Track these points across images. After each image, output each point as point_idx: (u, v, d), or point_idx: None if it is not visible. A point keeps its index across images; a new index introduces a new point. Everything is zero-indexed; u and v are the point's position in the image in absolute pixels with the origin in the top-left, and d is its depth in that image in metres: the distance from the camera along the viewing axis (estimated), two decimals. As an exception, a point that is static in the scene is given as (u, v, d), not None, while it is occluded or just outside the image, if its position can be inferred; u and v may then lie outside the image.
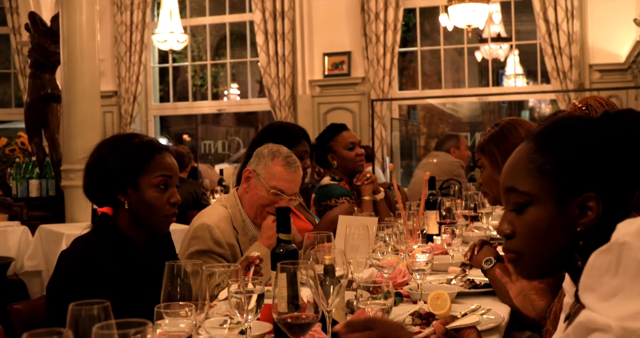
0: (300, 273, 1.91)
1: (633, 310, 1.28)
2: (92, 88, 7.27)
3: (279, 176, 3.51)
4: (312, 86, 11.26)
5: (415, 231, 3.80)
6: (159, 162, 2.78)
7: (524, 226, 1.58)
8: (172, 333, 1.73)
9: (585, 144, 1.53)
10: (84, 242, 2.74)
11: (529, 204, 1.56)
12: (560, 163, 1.54)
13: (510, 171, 1.63)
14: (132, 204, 2.74)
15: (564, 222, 1.53)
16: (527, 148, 1.60)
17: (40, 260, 6.65)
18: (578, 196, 1.51)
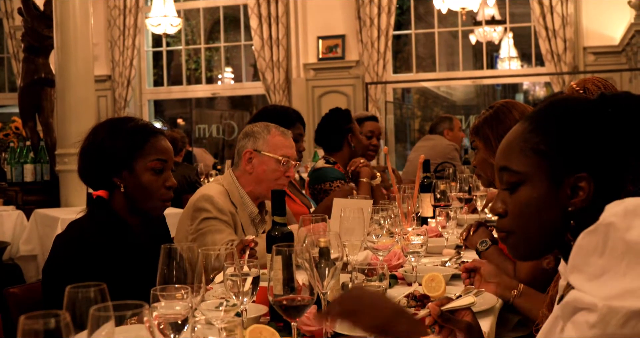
0: (296, 255, 1.91)
1: (618, 289, 1.29)
2: (86, 72, 7.25)
3: (282, 144, 3.59)
4: (307, 69, 11.24)
5: (410, 214, 3.81)
6: (154, 145, 2.79)
7: (516, 205, 1.59)
8: (168, 316, 1.73)
9: (579, 125, 1.54)
10: (79, 225, 2.76)
11: (522, 183, 1.57)
12: (554, 142, 1.54)
13: (505, 151, 1.64)
14: (128, 188, 2.76)
15: (556, 202, 1.54)
16: (522, 128, 1.61)
17: (36, 244, 6.66)
18: (570, 176, 1.52)
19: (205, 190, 3.49)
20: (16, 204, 7.32)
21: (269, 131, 3.60)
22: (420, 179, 4.26)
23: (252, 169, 3.56)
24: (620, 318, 1.27)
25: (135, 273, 2.61)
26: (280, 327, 2.18)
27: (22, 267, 6.79)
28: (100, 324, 1.31)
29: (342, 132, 5.18)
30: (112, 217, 2.76)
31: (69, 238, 2.72)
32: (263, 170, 3.55)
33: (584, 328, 1.31)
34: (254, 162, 3.56)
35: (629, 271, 1.30)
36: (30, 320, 1.21)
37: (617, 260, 1.32)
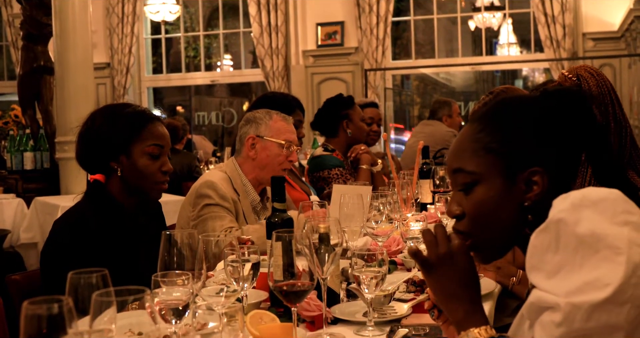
0: (295, 241, 1.93)
1: (577, 284, 1.32)
2: (85, 60, 7.24)
3: (284, 129, 3.61)
4: (306, 56, 11.23)
5: (409, 200, 3.82)
6: (151, 131, 2.83)
7: (472, 206, 1.60)
8: (169, 302, 1.75)
9: (526, 121, 1.58)
10: (76, 210, 2.79)
11: (477, 183, 1.59)
12: (504, 140, 1.57)
13: (456, 153, 1.66)
14: (125, 172, 2.80)
15: (511, 198, 1.56)
16: (472, 129, 1.64)
17: (36, 232, 6.67)
18: (523, 172, 1.55)
19: (208, 177, 3.50)
20: (16, 193, 7.32)
21: (271, 117, 3.62)
22: (419, 165, 4.26)
23: (255, 155, 3.57)
24: (584, 313, 1.30)
25: (132, 257, 2.64)
26: (280, 313, 2.19)
27: (22, 255, 6.81)
28: (103, 309, 1.33)
29: (337, 118, 5.19)
30: (109, 201, 2.79)
31: (67, 222, 2.74)
32: (266, 155, 3.56)
33: (551, 328, 1.33)
34: (257, 147, 3.57)
35: (584, 263, 1.33)
36: (34, 306, 1.22)
37: (571, 255, 1.35)
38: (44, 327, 1.22)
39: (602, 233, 1.33)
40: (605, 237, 1.33)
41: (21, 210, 6.96)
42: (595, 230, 1.34)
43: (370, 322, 2.14)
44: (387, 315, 2.25)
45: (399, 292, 2.50)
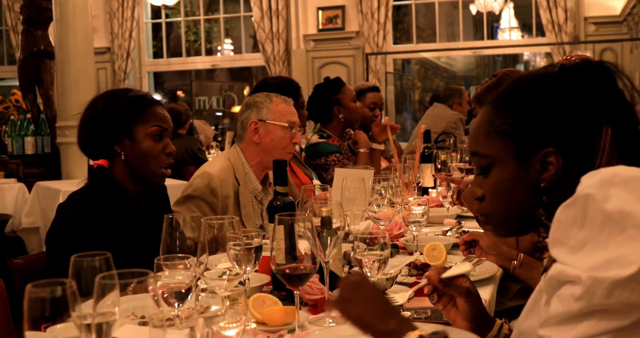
0: (298, 225, 1.93)
1: (601, 260, 1.29)
2: (85, 44, 7.23)
3: (286, 111, 3.60)
4: (306, 40, 11.20)
5: (411, 184, 3.82)
6: (154, 113, 2.85)
7: (489, 188, 1.61)
8: (172, 285, 1.75)
9: (539, 100, 1.55)
10: (80, 194, 2.80)
11: (492, 166, 1.59)
12: (516, 121, 1.56)
13: (473, 136, 1.66)
14: (128, 155, 2.80)
15: (526, 180, 1.55)
16: (487, 111, 1.63)
17: (38, 216, 6.68)
18: (537, 153, 1.53)
19: (208, 168, 3.48)
20: (17, 177, 7.32)
21: (271, 100, 3.60)
22: (421, 149, 4.26)
23: (259, 139, 3.55)
24: (605, 288, 1.27)
25: (137, 241, 2.64)
26: (282, 296, 2.19)
27: (24, 239, 6.82)
28: (106, 292, 1.33)
29: (327, 104, 5.17)
30: (113, 186, 2.80)
31: (71, 206, 2.74)
32: (271, 139, 3.55)
33: (569, 301, 1.31)
34: (260, 132, 3.55)
35: (610, 241, 1.30)
36: (37, 288, 1.22)
37: (597, 231, 1.32)
38: (47, 309, 1.23)
39: (631, 211, 1.31)
40: (634, 216, 1.30)
41: (22, 195, 6.96)
42: (624, 207, 1.31)
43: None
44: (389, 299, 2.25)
45: (401, 276, 2.50)
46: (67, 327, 1.26)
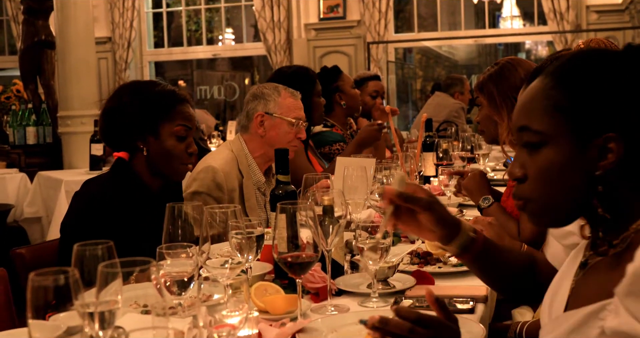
0: (300, 214, 1.93)
1: None
2: (86, 34, 7.23)
3: (293, 106, 3.57)
4: (308, 29, 11.18)
5: (413, 172, 3.82)
6: (180, 112, 2.84)
7: (537, 169, 1.45)
8: (174, 274, 1.76)
9: (607, 80, 1.39)
10: (98, 184, 2.80)
11: (544, 144, 1.43)
12: (579, 99, 1.40)
13: (524, 109, 1.49)
14: (151, 152, 2.80)
15: (581, 165, 1.40)
16: (543, 84, 1.46)
17: (40, 206, 6.68)
18: (598, 137, 1.38)
19: (211, 161, 3.45)
20: (19, 167, 7.32)
21: (279, 93, 3.57)
22: (422, 138, 4.26)
23: (264, 132, 3.53)
24: None
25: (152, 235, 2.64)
26: (285, 284, 2.20)
27: (26, 229, 6.83)
28: (109, 281, 1.34)
29: (329, 92, 5.17)
30: (133, 179, 2.80)
31: (89, 197, 2.74)
32: (276, 133, 3.52)
33: None
34: (265, 125, 3.53)
35: None
36: (40, 277, 1.23)
37: None
38: (51, 298, 1.23)
39: None
40: None
41: (24, 185, 6.97)
42: None
43: (375, 293, 2.15)
44: (391, 287, 2.26)
45: (402, 264, 2.51)
46: (70, 315, 1.27)
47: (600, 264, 1.45)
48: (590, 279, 1.46)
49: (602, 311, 1.33)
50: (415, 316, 1.40)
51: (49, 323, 1.25)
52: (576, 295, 1.48)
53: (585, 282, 1.48)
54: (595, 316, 1.34)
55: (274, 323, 1.88)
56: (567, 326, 1.39)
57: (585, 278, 1.48)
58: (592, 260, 1.47)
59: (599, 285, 1.40)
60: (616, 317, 1.28)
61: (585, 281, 1.48)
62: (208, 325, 1.52)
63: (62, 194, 5.97)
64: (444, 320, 1.44)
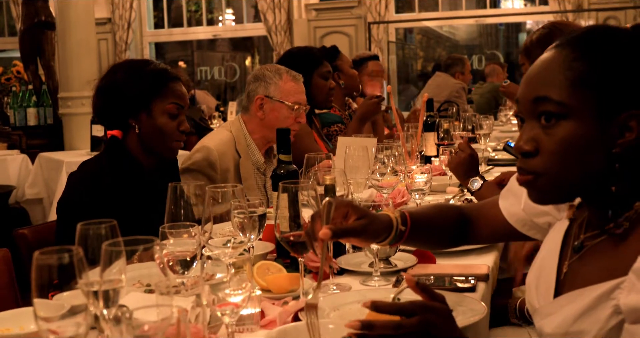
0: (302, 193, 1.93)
1: None
2: (86, 15, 7.21)
3: (294, 90, 3.56)
4: (308, 9, 11.14)
5: (414, 152, 3.82)
6: (173, 90, 2.85)
7: (554, 143, 1.39)
8: (177, 253, 1.76)
9: (630, 55, 1.37)
10: (93, 164, 2.82)
11: (564, 117, 1.38)
12: (605, 74, 1.36)
13: (541, 79, 1.42)
14: (143, 129, 2.82)
15: (602, 141, 1.36)
16: (564, 54, 1.41)
17: (41, 187, 6.70)
18: (620, 114, 1.35)
19: (208, 141, 3.46)
20: (20, 149, 7.33)
21: (281, 76, 3.56)
22: (423, 118, 4.26)
23: (263, 115, 3.53)
24: None
25: (147, 213, 2.65)
26: (287, 264, 2.21)
27: (28, 210, 6.85)
28: (113, 260, 1.34)
29: None
30: (126, 157, 2.81)
31: (83, 176, 2.77)
32: (275, 117, 3.53)
33: None
34: (265, 108, 3.53)
35: None
36: (45, 255, 1.23)
37: None
38: (55, 277, 1.24)
39: None
40: None
41: (26, 166, 6.98)
42: None
43: (376, 272, 2.16)
44: (393, 266, 2.27)
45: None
46: (74, 294, 1.27)
47: (600, 246, 1.44)
48: (590, 261, 1.45)
49: (615, 290, 1.32)
50: (396, 308, 1.37)
51: (53, 302, 1.26)
52: (573, 277, 1.47)
53: (582, 265, 1.46)
54: (607, 296, 1.32)
55: (277, 302, 1.89)
56: (574, 308, 1.38)
57: (582, 260, 1.47)
58: (590, 242, 1.46)
59: (601, 266, 1.40)
60: (636, 294, 1.27)
61: (582, 264, 1.46)
62: (211, 303, 1.53)
63: (63, 176, 5.97)
64: (428, 301, 1.40)
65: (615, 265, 1.34)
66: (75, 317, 1.24)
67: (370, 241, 1.76)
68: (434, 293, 1.43)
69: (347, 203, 1.71)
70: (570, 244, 1.53)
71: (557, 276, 1.52)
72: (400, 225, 1.78)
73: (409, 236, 1.81)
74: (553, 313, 1.44)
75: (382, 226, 1.75)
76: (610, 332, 1.32)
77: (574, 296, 1.40)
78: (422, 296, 1.43)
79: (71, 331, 1.24)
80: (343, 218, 1.70)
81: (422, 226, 1.86)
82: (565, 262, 1.50)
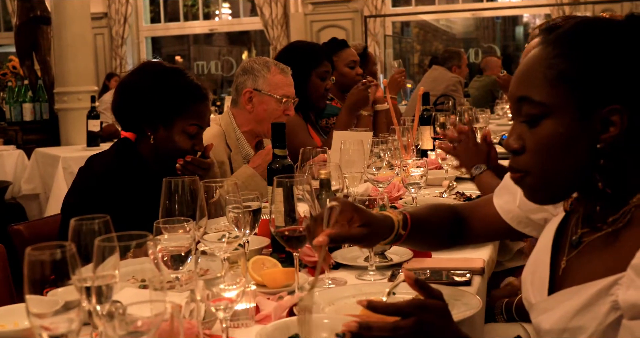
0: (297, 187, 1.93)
1: None
2: (82, 9, 7.19)
3: (282, 83, 3.56)
4: (305, 3, 11.13)
5: (410, 146, 3.81)
6: (198, 111, 2.81)
7: (537, 141, 1.39)
8: (172, 248, 1.76)
9: (613, 49, 1.35)
10: (103, 161, 2.78)
11: (545, 116, 1.38)
12: (584, 69, 1.35)
13: (524, 79, 1.42)
14: (158, 140, 2.78)
15: (584, 137, 1.36)
16: (545, 52, 1.40)
17: (37, 183, 6.68)
18: (602, 109, 1.33)
19: None
20: (16, 144, 7.31)
21: (269, 69, 3.56)
22: (419, 111, 4.25)
23: (252, 108, 3.54)
24: None
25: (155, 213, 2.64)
26: (282, 258, 2.21)
27: (24, 206, 6.84)
28: (106, 255, 1.34)
29: None
30: (138, 160, 2.78)
31: (93, 173, 2.73)
32: (264, 109, 3.53)
33: None
34: (254, 101, 3.54)
35: None
36: (37, 251, 1.22)
37: None
38: (48, 272, 1.23)
39: None
40: None
41: (22, 161, 6.96)
42: None
43: (372, 266, 2.16)
44: (388, 260, 2.27)
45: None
46: (68, 290, 1.27)
47: (597, 241, 1.43)
48: (588, 257, 1.44)
49: (613, 286, 1.31)
50: (393, 308, 1.37)
51: (47, 298, 1.26)
52: (572, 273, 1.46)
53: (580, 260, 1.45)
54: (606, 292, 1.32)
55: (272, 297, 1.89)
56: (573, 304, 1.38)
57: (580, 256, 1.46)
58: (588, 238, 1.45)
59: (599, 262, 1.39)
60: (634, 291, 1.26)
61: (580, 260, 1.46)
62: (206, 298, 1.53)
63: (59, 171, 5.97)
64: (425, 300, 1.41)
65: (613, 261, 1.34)
66: (68, 313, 1.23)
67: (369, 246, 1.82)
68: (432, 290, 1.43)
69: (353, 208, 1.69)
70: (567, 239, 1.52)
71: (552, 271, 1.51)
72: (401, 228, 1.78)
73: (407, 238, 1.81)
74: (551, 309, 1.43)
75: (383, 231, 1.76)
76: (608, 327, 1.31)
77: (572, 292, 1.39)
78: (420, 293, 1.43)
79: (64, 327, 1.23)
80: (347, 221, 1.68)
81: (420, 229, 1.85)
82: (564, 258, 1.49)
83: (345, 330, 1.34)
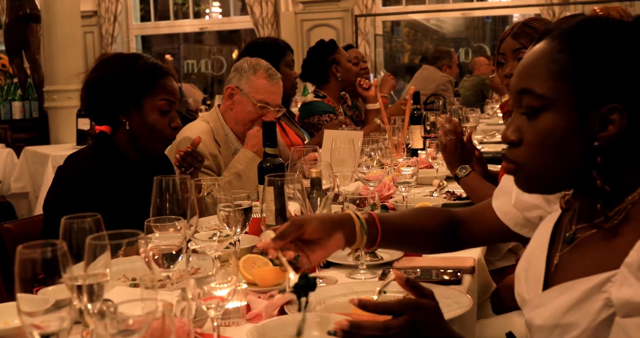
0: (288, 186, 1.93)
1: None
2: (72, 8, 7.19)
3: (264, 89, 3.54)
4: (295, 2, 11.12)
5: (400, 145, 3.82)
6: (164, 86, 2.81)
7: (535, 134, 1.40)
8: (163, 247, 1.75)
9: (618, 49, 1.35)
10: (80, 158, 2.78)
11: (545, 109, 1.39)
12: (586, 67, 1.36)
13: (527, 71, 1.43)
14: (133, 126, 2.78)
15: (582, 134, 1.36)
16: (550, 46, 1.41)
17: (27, 181, 6.67)
18: (602, 107, 1.34)
19: (188, 131, 3.46)
20: (6, 142, 7.30)
21: (255, 72, 3.57)
22: (410, 111, 4.26)
23: (231, 105, 3.57)
24: None
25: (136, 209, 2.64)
26: (273, 257, 2.20)
27: (14, 204, 6.82)
28: (97, 254, 1.34)
29: (325, 64, 5.18)
30: (114, 153, 2.78)
31: (70, 170, 2.74)
32: (240, 109, 3.55)
33: None
34: (234, 99, 3.56)
35: None
36: (28, 250, 1.22)
37: None
38: (39, 271, 1.23)
39: None
40: None
41: (11, 160, 6.95)
42: None
43: (362, 265, 2.16)
44: (379, 259, 2.27)
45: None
46: (58, 289, 1.27)
47: (592, 238, 1.43)
48: (581, 253, 1.44)
49: (606, 283, 1.32)
50: (383, 307, 1.37)
51: (37, 297, 1.25)
52: (564, 269, 1.46)
53: (574, 256, 1.46)
54: (599, 289, 1.32)
55: (263, 295, 1.89)
56: (565, 300, 1.38)
57: (574, 252, 1.46)
58: (582, 234, 1.45)
59: (593, 258, 1.39)
60: (628, 288, 1.27)
61: (574, 256, 1.46)
62: (197, 297, 1.53)
63: (49, 169, 5.96)
64: (416, 299, 1.41)
65: (607, 258, 1.34)
66: (59, 312, 1.23)
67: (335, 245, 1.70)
68: (423, 289, 1.44)
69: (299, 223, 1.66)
70: (561, 235, 1.53)
71: (547, 267, 1.51)
72: (365, 225, 1.72)
73: (383, 239, 1.77)
74: (543, 304, 1.44)
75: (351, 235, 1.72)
76: (600, 324, 1.32)
77: (565, 288, 1.40)
78: (411, 292, 1.43)
79: (55, 326, 1.23)
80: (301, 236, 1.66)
81: (398, 230, 1.83)
82: (557, 253, 1.50)
83: (337, 328, 1.34)
